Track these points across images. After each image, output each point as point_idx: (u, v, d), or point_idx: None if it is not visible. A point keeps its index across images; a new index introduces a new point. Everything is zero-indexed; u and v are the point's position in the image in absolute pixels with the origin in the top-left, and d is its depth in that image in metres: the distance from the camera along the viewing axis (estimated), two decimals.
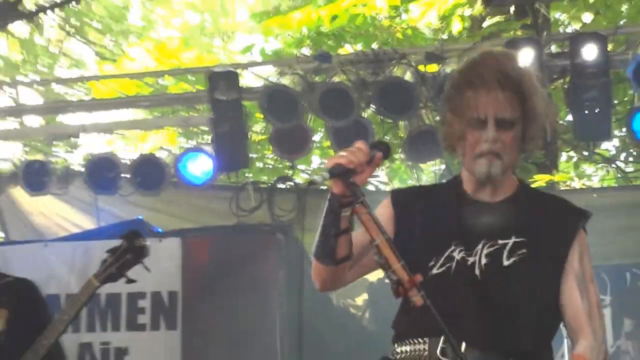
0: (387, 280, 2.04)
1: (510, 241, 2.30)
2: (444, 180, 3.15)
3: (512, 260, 2.27)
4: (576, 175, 6.97)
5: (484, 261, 2.29)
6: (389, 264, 2.04)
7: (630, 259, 5.61)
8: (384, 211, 2.39)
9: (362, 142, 2.13)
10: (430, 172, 7.90)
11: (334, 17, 6.20)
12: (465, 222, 2.35)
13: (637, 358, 5.56)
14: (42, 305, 3.55)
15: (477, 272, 2.24)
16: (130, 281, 3.28)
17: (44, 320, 3.32)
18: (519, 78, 2.16)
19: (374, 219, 2.09)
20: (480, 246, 2.31)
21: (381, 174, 7.76)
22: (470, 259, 2.28)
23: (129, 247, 3.28)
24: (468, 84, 2.17)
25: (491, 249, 2.33)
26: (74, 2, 7.60)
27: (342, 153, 2.14)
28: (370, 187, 6.69)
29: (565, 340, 4.36)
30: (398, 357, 2.37)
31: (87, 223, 6.35)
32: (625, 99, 5.69)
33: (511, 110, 2.12)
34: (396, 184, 7.93)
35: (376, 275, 2.93)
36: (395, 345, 2.38)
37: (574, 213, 2.43)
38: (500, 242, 2.30)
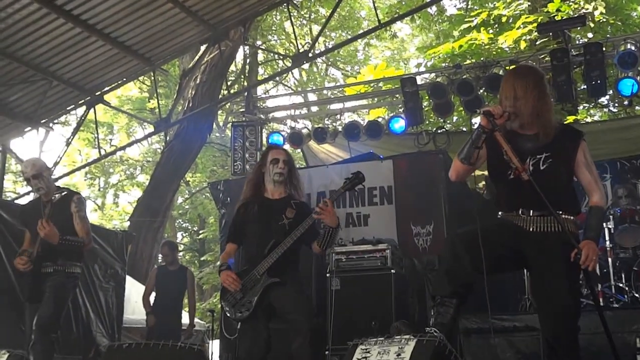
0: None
1: (542, 156, 3.95)
2: None
3: (545, 166, 3.95)
4: (588, 115, 11.87)
5: (531, 168, 3.90)
6: (511, 159, 3.81)
7: (619, 155, 9.42)
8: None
9: (499, 106, 3.90)
10: None
11: (461, 46, 11.66)
12: (518, 148, 3.89)
13: (625, 202, 8.41)
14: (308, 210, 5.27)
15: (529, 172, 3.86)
16: (355, 190, 5.53)
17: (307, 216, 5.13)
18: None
19: (503, 138, 3.80)
20: (528, 161, 3.94)
21: None
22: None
23: (356, 178, 5.20)
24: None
25: (533, 160, 3.97)
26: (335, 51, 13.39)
27: (490, 107, 3.86)
28: None
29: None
30: (501, 216, 4.15)
31: (345, 155, 11.03)
32: (613, 74, 9.70)
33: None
34: None
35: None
36: (499, 212, 4.16)
37: (577, 133, 4.12)
38: (537, 156, 3.94)
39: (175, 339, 8.94)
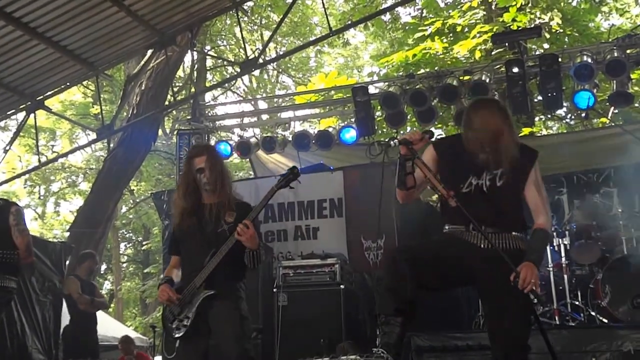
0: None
1: (499, 172, 4.03)
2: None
3: (501, 182, 4.02)
4: (544, 127, 12.02)
5: (488, 184, 4.02)
6: (435, 187, 3.81)
7: (576, 169, 9.25)
8: (430, 153, 4.15)
9: (417, 131, 4.04)
10: None
11: (415, 55, 11.67)
12: (475, 162, 4.01)
13: (581, 218, 8.44)
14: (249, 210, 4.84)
15: (484, 189, 4.01)
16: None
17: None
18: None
19: (425, 165, 3.87)
20: (484, 175, 4.04)
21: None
22: (480, 182, 4.01)
23: (291, 173, 4.92)
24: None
25: (490, 176, 4.05)
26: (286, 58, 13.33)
27: (407, 134, 4.00)
28: None
29: None
30: (449, 230, 4.15)
31: None
32: (570, 86, 9.66)
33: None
34: None
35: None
36: (445, 226, 4.18)
37: (533, 153, 4.20)
38: (494, 172, 4.04)
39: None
